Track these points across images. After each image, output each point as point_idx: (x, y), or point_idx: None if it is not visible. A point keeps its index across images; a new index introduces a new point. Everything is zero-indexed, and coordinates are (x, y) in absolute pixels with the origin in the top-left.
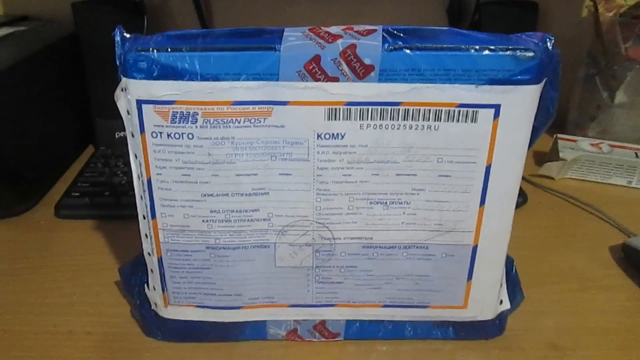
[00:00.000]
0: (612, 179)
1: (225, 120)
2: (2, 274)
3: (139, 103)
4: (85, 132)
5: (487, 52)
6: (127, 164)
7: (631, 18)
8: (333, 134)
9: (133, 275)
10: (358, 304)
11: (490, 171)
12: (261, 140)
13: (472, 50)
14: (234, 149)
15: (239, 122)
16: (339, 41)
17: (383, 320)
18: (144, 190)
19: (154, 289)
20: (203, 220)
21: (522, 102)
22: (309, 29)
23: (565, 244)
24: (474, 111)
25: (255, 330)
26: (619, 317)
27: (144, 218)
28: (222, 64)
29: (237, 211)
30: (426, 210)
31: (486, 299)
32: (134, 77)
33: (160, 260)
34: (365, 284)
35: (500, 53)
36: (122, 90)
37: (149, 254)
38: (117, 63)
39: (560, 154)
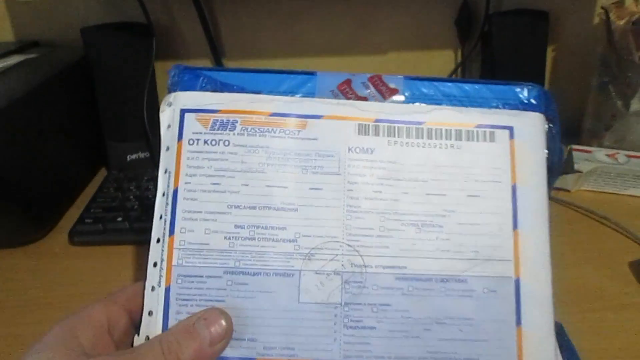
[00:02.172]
0: (629, 190)
1: (262, 129)
2: (18, 304)
3: (183, 112)
4: (97, 156)
5: (496, 85)
6: (140, 187)
7: None
8: (363, 148)
9: None
10: None
11: (517, 190)
12: (294, 152)
13: (483, 83)
14: (267, 157)
15: (274, 132)
16: (367, 74)
17: None
18: (167, 204)
19: (147, 339)
20: (225, 237)
21: (532, 125)
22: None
23: (584, 259)
24: (491, 131)
25: None
26: None
27: (158, 241)
28: (266, 82)
29: (262, 227)
30: (460, 235)
31: (542, 354)
32: (184, 89)
33: (167, 291)
34: (402, 330)
35: (509, 85)
36: (168, 104)
37: (152, 288)
38: (170, 81)
39: (576, 166)
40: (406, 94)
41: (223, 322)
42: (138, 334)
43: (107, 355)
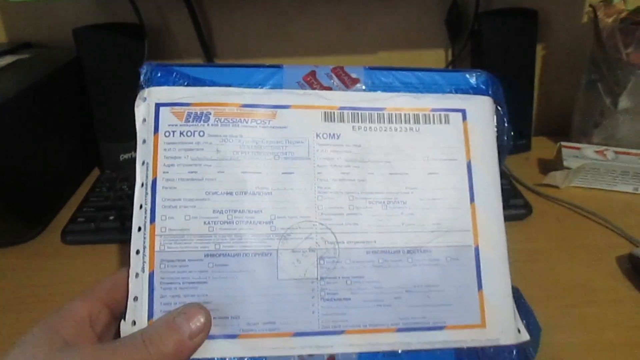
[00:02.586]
0: (617, 186)
1: (235, 120)
2: (10, 303)
3: (158, 106)
4: (90, 156)
5: (449, 72)
6: (132, 187)
7: (631, 24)
8: (330, 134)
9: None
10: (370, 328)
11: (472, 167)
12: (266, 140)
13: (437, 71)
14: (240, 146)
15: (246, 122)
16: (330, 65)
17: (400, 355)
18: (146, 194)
19: (134, 323)
20: (205, 222)
21: (482, 107)
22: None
23: (571, 255)
24: (445, 114)
25: None
26: (628, 331)
27: (139, 230)
28: (236, 76)
29: (239, 211)
30: (422, 210)
31: (503, 315)
32: (157, 85)
33: (151, 276)
34: (375, 299)
35: (459, 72)
36: (142, 99)
37: (136, 274)
38: (143, 78)
39: (565, 163)
40: (367, 83)
41: (202, 317)
42: (124, 319)
43: (89, 345)
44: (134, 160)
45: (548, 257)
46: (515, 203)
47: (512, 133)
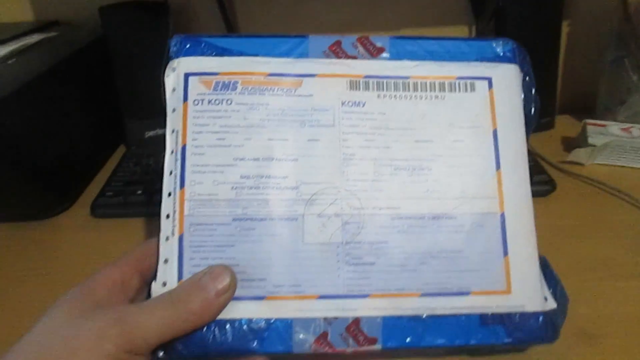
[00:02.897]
0: None
1: (262, 89)
2: (44, 273)
3: (187, 76)
4: (115, 133)
5: (475, 40)
6: (158, 162)
7: None
8: (355, 102)
9: None
10: (394, 292)
11: (498, 135)
12: (292, 108)
13: (462, 40)
14: (267, 114)
15: (273, 91)
16: (355, 35)
17: (425, 319)
18: (176, 161)
19: (164, 284)
20: (232, 187)
21: (508, 76)
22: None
23: (596, 231)
24: (471, 82)
25: (280, 337)
26: None
27: (169, 195)
28: (262, 45)
29: (266, 177)
30: (448, 177)
31: (529, 281)
32: (186, 55)
33: (181, 239)
34: (399, 264)
35: (486, 41)
36: (172, 70)
37: (167, 238)
38: (172, 49)
39: (589, 140)
40: (392, 51)
41: (227, 277)
42: (155, 280)
43: (121, 305)
44: (158, 137)
45: (571, 232)
46: (539, 179)
47: (539, 103)
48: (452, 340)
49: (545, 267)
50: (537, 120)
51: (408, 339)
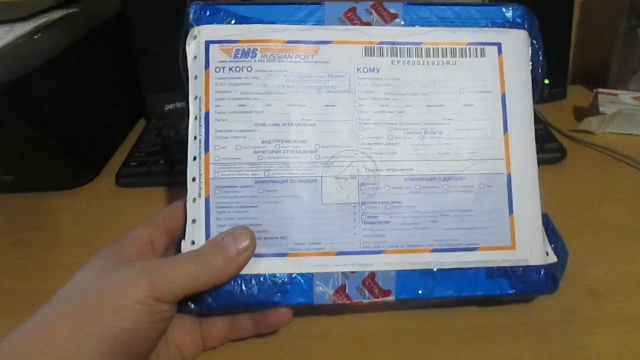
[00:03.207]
0: None
1: (280, 55)
2: (73, 239)
3: (207, 44)
4: (136, 106)
5: (485, 6)
6: (179, 134)
7: None
8: (370, 68)
9: None
10: (407, 248)
11: (506, 99)
12: (309, 74)
13: (474, 5)
14: (286, 80)
15: (291, 58)
16: (370, 1)
17: (435, 273)
18: (199, 126)
19: (193, 243)
20: (254, 152)
21: (517, 41)
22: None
23: (606, 196)
24: (481, 48)
25: (301, 290)
26: None
27: (195, 159)
28: (279, 13)
29: (286, 141)
30: (458, 140)
31: (532, 238)
32: (207, 23)
33: (207, 201)
34: (412, 223)
35: (495, 6)
36: (193, 37)
37: (194, 199)
38: (191, 19)
39: (600, 108)
40: (405, 18)
41: (247, 238)
42: (184, 239)
43: (149, 260)
44: (178, 109)
45: (581, 197)
46: (550, 147)
47: (547, 68)
48: (459, 291)
49: (548, 224)
50: (543, 84)
51: (420, 291)
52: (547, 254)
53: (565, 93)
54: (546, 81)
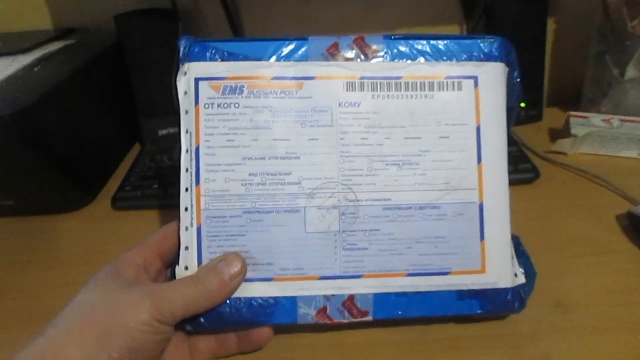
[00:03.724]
0: (622, 152)
1: (266, 92)
2: (72, 259)
3: (197, 80)
4: (131, 132)
5: (463, 39)
6: (172, 158)
7: None
8: (351, 102)
9: None
10: (384, 272)
11: (481, 131)
12: (294, 109)
13: (452, 39)
14: (271, 115)
15: (276, 94)
16: (352, 36)
17: (409, 294)
18: (191, 160)
19: (186, 268)
20: (242, 184)
21: (493, 74)
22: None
23: (574, 213)
24: (458, 82)
25: (286, 311)
26: (624, 278)
27: (187, 190)
28: (265, 49)
29: (272, 174)
30: (433, 170)
31: (501, 262)
32: (196, 60)
33: (199, 230)
34: (389, 249)
35: (472, 40)
36: (183, 74)
37: (186, 228)
38: (181, 55)
39: (572, 130)
40: (386, 52)
41: (238, 263)
42: (178, 264)
43: (150, 284)
44: (171, 135)
45: (552, 215)
46: (524, 167)
47: (523, 96)
48: (432, 312)
49: (518, 246)
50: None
51: (395, 312)
52: (516, 275)
53: (541, 115)
54: (522, 104)
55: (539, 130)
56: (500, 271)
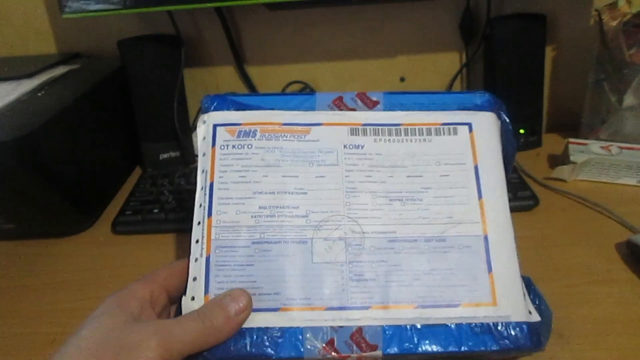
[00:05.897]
0: (621, 179)
1: (277, 135)
2: (73, 284)
3: (215, 126)
4: (133, 156)
5: (456, 94)
6: (173, 183)
7: (633, 26)
8: (355, 145)
9: None
10: (392, 304)
11: (479, 169)
12: (302, 150)
13: (445, 94)
14: (281, 155)
15: (286, 137)
16: (354, 92)
17: (420, 329)
18: (205, 195)
19: (193, 299)
20: (252, 216)
21: (486, 122)
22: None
23: (574, 241)
24: (454, 127)
25: (292, 343)
26: (624, 307)
27: (199, 224)
28: (277, 101)
29: (280, 207)
30: (436, 205)
31: (512, 295)
32: (215, 110)
33: (207, 260)
34: (396, 280)
35: (464, 94)
36: (203, 122)
37: (196, 259)
38: (203, 106)
39: (571, 157)
40: (386, 104)
41: (244, 299)
42: (185, 295)
43: (156, 320)
44: (172, 159)
45: (552, 243)
46: (523, 195)
47: (522, 123)
48: (445, 347)
49: (529, 285)
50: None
51: (406, 346)
52: (530, 312)
53: (540, 141)
54: (521, 131)
55: (538, 156)
56: (513, 304)
